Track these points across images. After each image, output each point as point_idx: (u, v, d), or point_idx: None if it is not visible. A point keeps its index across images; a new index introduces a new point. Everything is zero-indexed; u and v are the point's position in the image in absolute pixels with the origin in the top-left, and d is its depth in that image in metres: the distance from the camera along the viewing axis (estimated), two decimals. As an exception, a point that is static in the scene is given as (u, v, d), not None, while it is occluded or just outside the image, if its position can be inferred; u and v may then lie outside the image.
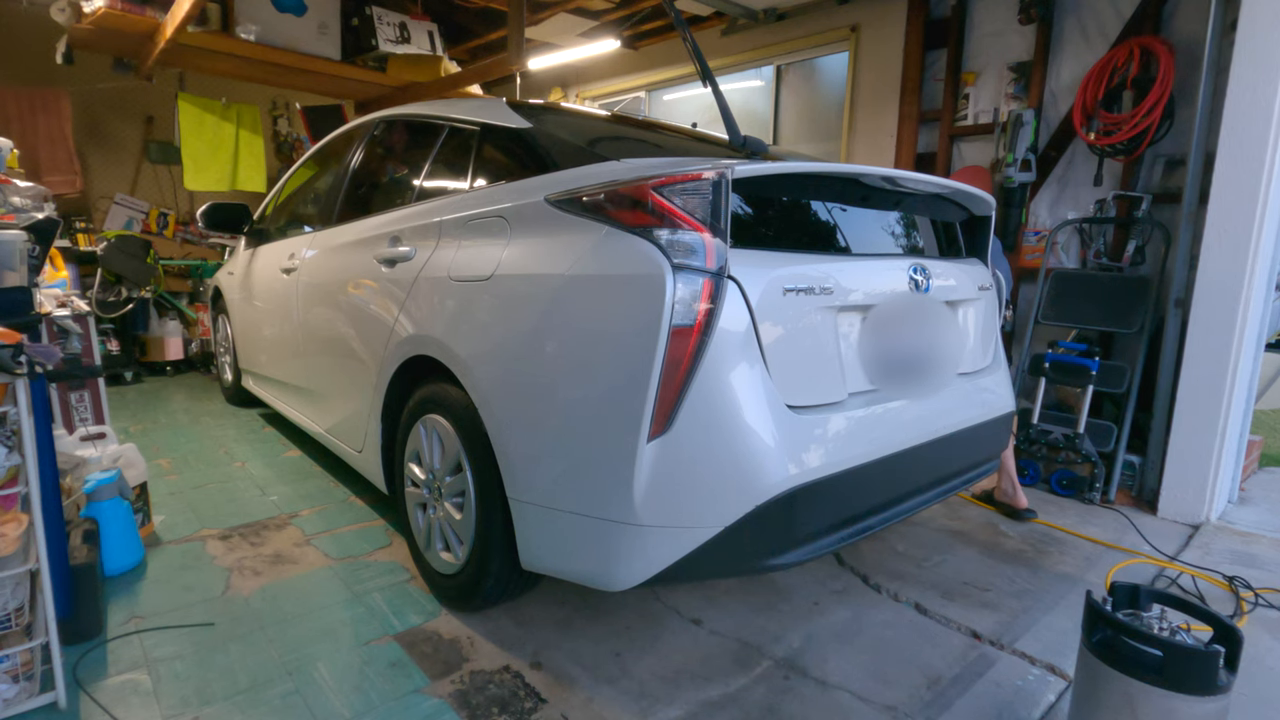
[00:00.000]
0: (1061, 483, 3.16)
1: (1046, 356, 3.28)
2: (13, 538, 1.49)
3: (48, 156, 4.99)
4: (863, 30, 4.31)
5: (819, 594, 2.18)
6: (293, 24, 4.38)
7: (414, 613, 2.00)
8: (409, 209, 2.24)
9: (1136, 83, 3.15)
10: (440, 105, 2.41)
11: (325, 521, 2.61)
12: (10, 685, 1.54)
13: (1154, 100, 3.07)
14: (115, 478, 2.19)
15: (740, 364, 1.49)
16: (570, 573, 1.65)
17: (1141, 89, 3.14)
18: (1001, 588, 2.26)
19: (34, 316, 1.90)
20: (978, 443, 2.10)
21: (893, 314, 1.82)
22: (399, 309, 2.08)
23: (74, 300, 3.15)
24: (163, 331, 5.17)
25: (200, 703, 1.61)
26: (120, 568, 2.16)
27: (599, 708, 1.63)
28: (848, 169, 1.80)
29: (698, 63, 1.75)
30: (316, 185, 3.25)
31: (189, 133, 5.03)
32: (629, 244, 1.51)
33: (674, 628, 1.97)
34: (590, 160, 1.74)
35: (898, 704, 1.68)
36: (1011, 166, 3.48)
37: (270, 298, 3.22)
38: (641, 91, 5.89)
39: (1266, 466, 3.78)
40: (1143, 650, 1.25)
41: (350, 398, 2.46)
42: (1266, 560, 2.54)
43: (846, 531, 1.71)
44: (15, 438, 1.50)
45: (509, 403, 1.70)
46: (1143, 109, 3.10)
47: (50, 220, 2.30)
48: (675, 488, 1.48)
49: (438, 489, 1.99)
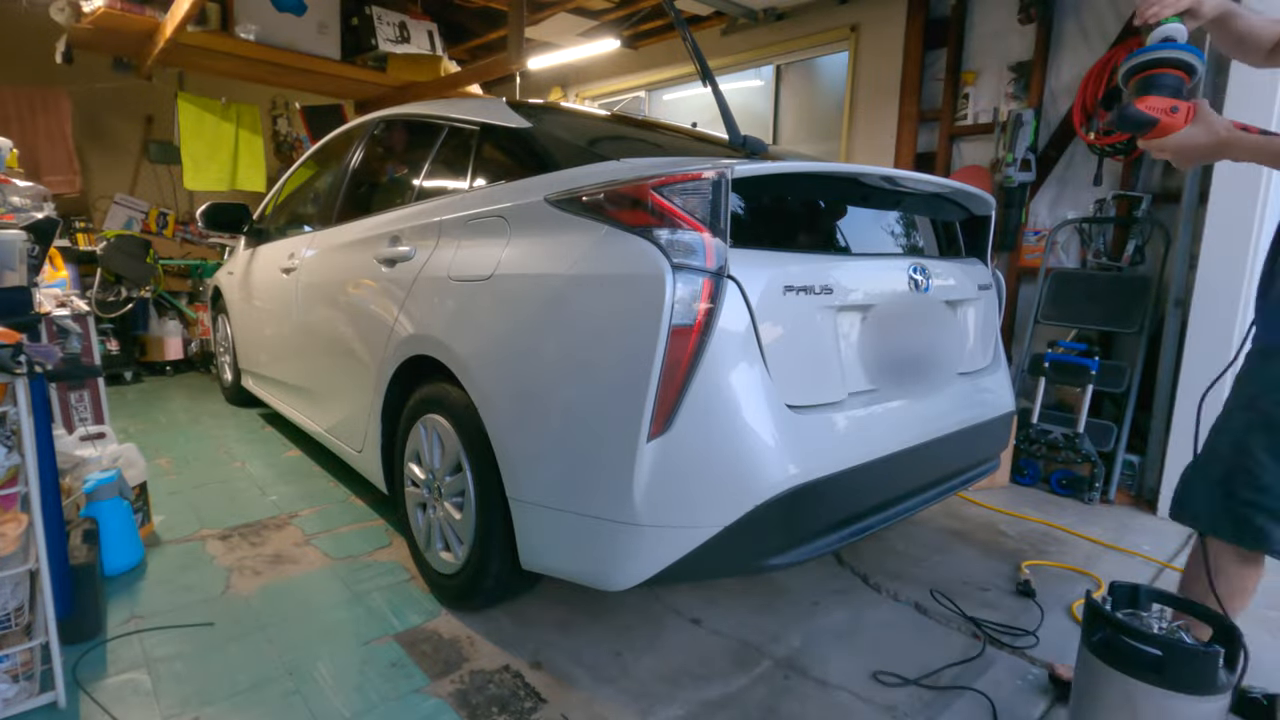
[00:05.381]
0: (1061, 483, 3.16)
1: (1046, 356, 3.28)
2: (12, 538, 1.49)
3: (47, 156, 4.99)
4: (863, 30, 4.31)
5: (819, 594, 2.18)
6: (292, 23, 4.38)
7: (414, 612, 2.00)
8: (409, 209, 2.24)
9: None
10: (440, 105, 2.41)
11: (325, 521, 2.61)
12: (10, 685, 1.54)
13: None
14: (115, 478, 2.19)
15: (740, 364, 1.49)
16: (570, 572, 1.65)
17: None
18: (1001, 587, 2.27)
19: (34, 316, 1.90)
20: (977, 442, 2.10)
21: (892, 314, 1.82)
22: (399, 309, 2.08)
23: (74, 300, 3.15)
24: (162, 331, 5.17)
25: (200, 703, 1.61)
26: (120, 567, 2.16)
27: (599, 707, 1.63)
28: (847, 169, 1.80)
29: (698, 62, 1.75)
30: (316, 185, 3.25)
31: (189, 132, 5.03)
32: (629, 244, 1.51)
33: (674, 627, 1.97)
34: (590, 160, 1.74)
35: (898, 704, 1.68)
36: (1011, 166, 3.47)
37: (270, 297, 3.22)
38: (641, 91, 5.89)
39: (1266, 466, 3.78)
40: (1142, 650, 1.25)
41: (350, 397, 2.46)
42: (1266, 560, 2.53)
43: (846, 531, 1.71)
44: (15, 437, 1.50)
45: (509, 402, 1.70)
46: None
47: (50, 220, 2.30)
48: (675, 487, 1.48)
49: (438, 489, 1.99)
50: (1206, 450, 1.50)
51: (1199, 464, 1.50)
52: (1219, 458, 1.45)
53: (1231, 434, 1.44)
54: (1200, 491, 1.48)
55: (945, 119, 3.92)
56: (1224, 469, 1.44)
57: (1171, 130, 1.29)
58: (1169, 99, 1.30)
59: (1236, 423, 1.43)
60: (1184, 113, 1.29)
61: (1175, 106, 1.29)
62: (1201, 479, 1.48)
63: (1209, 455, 1.48)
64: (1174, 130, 1.29)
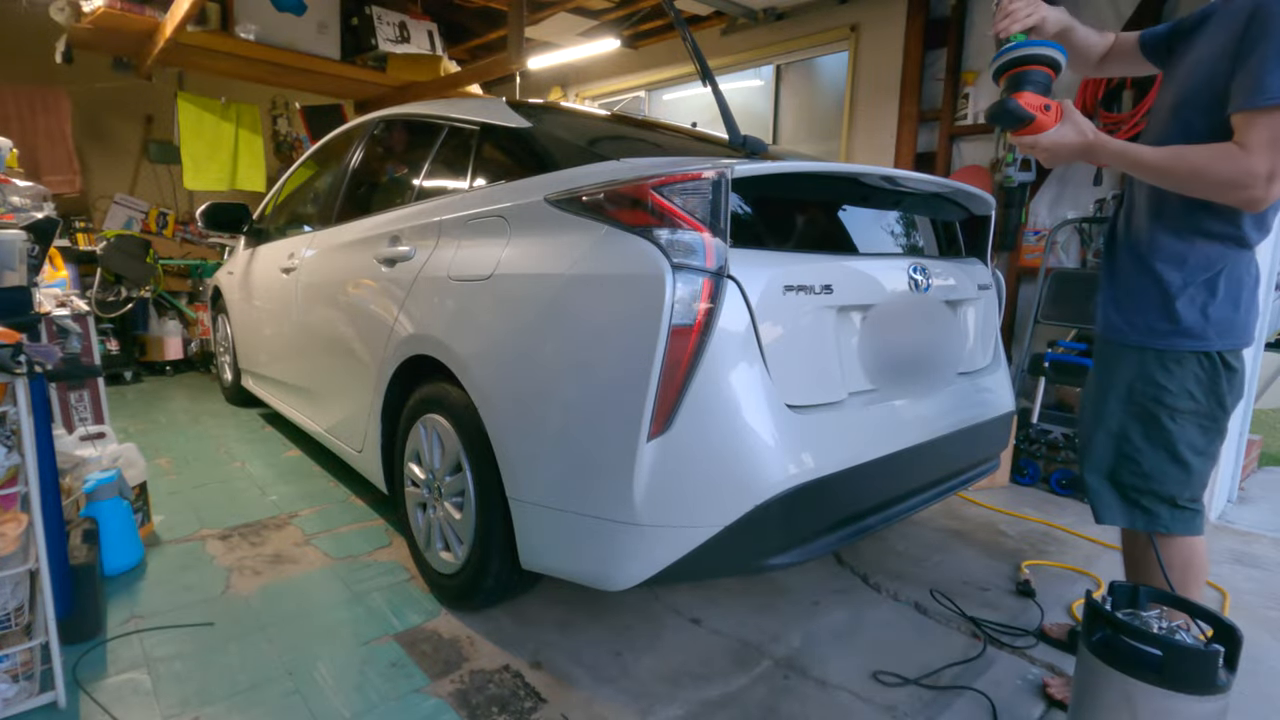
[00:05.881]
0: (1061, 483, 3.16)
1: (1046, 356, 3.28)
2: (12, 537, 1.49)
3: (47, 156, 4.99)
4: (863, 30, 4.31)
5: (819, 593, 2.18)
6: (292, 23, 4.38)
7: (414, 612, 2.00)
8: (409, 209, 2.24)
9: (1136, 82, 3.15)
10: (440, 105, 2.41)
11: (325, 521, 2.61)
12: (10, 685, 1.54)
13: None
14: (115, 477, 2.19)
15: (740, 363, 1.49)
16: (570, 572, 1.65)
17: (1141, 89, 3.14)
18: (1001, 587, 2.27)
19: (33, 316, 1.90)
20: (977, 442, 2.10)
21: (892, 313, 1.82)
22: (399, 309, 2.08)
23: (73, 300, 3.15)
24: (162, 331, 5.17)
25: (200, 702, 1.61)
26: (120, 567, 2.16)
27: (599, 707, 1.63)
28: (847, 168, 1.80)
29: (698, 62, 1.75)
30: (316, 185, 3.25)
31: (188, 132, 5.03)
32: (629, 244, 1.51)
33: (674, 627, 1.97)
34: (590, 160, 1.74)
35: (898, 704, 1.68)
36: (1011, 166, 3.47)
37: (270, 297, 3.22)
38: (641, 91, 5.89)
39: (1266, 466, 3.79)
40: (1142, 650, 1.25)
41: (350, 397, 2.46)
42: (1266, 560, 2.54)
43: (846, 531, 1.71)
44: (15, 437, 1.50)
45: (509, 402, 1.70)
46: (1142, 109, 3.10)
47: (50, 220, 2.30)
48: (675, 487, 1.48)
49: (437, 489, 1.99)
50: (1094, 448, 1.59)
51: (1093, 464, 1.60)
52: (1105, 452, 1.57)
53: (1110, 426, 1.55)
54: (1102, 489, 1.58)
55: (945, 119, 3.92)
56: (1110, 461, 1.56)
57: (1044, 128, 1.32)
58: (1042, 97, 1.33)
59: (1114, 414, 1.54)
60: (1055, 111, 1.32)
61: (1048, 105, 1.32)
62: (1095, 475, 1.59)
63: (1098, 452, 1.58)
64: (1046, 128, 1.33)
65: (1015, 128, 1.33)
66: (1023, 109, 1.30)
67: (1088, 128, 1.33)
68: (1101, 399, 1.57)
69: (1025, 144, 1.36)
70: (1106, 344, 1.58)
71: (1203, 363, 1.44)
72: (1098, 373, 1.61)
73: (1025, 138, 1.34)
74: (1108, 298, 1.57)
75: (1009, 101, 1.31)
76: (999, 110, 1.33)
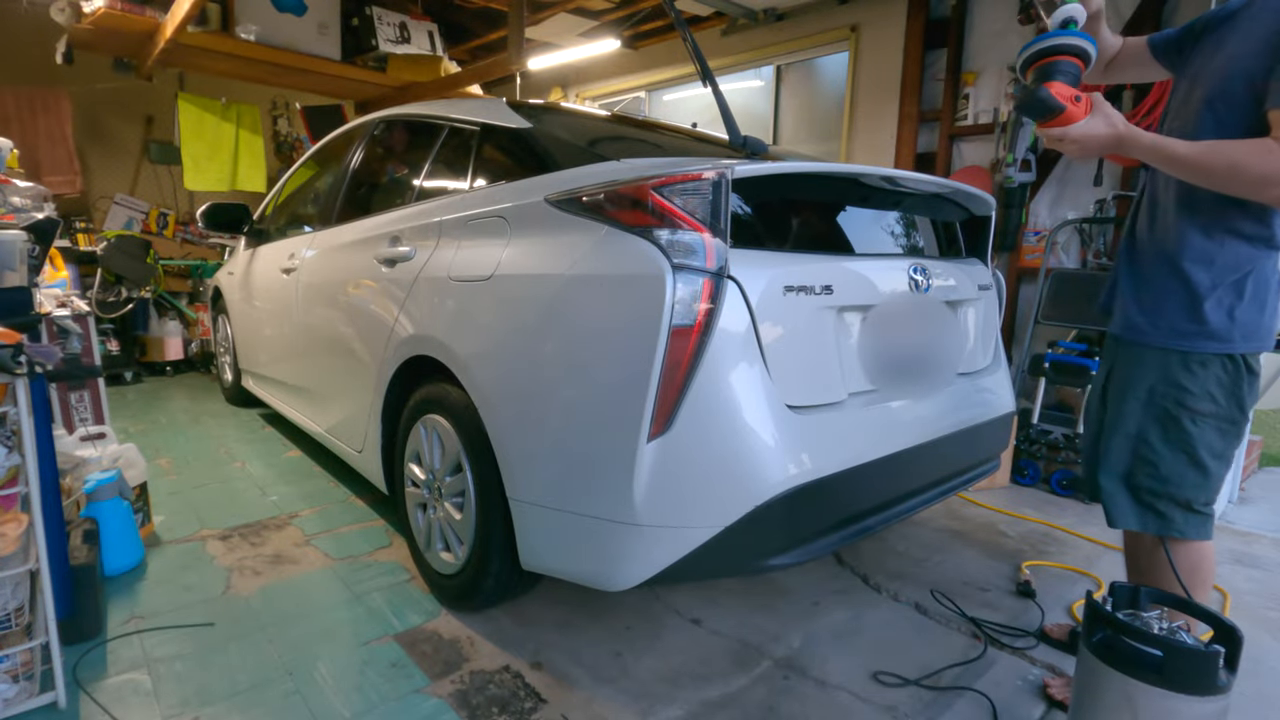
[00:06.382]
0: (1061, 483, 3.16)
1: (1046, 356, 3.28)
2: (13, 538, 1.49)
3: (48, 156, 4.99)
4: (863, 30, 4.31)
5: (819, 594, 2.18)
6: (293, 24, 4.38)
7: (414, 613, 2.00)
8: (409, 209, 2.24)
9: (1135, 84, 3.15)
10: (440, 105, 2.41)
11: (325, 521, 2.61)
12: (10, 685, 1.54)
13: (1154, 100, 3.08)
14: (115, 478, 2.19)
15: (740, 364, 1.49)
16: (570, 573, 1.65)
17: (1141, 89, 3.14)
18: (1001, 587, 2.26)
19: (34, 316, 1.90)
20: (978, 443, 2.10)
21: (893, 314, 1.82)
22: (399, 309, 2.08)
23: (74, 300, 3.15)
24: (162, 331, 5.17)
25: (200, 703, 1.61)
26: (120, 568, 2.16)
27: (599, 708, 1.63)
28: (847, 169, 1.80)
29: (698, 63, 1.75)
30: (316, 185, 3.25)
31: (189, 133, 5.03)
32: (629, 244, 1.51)
33: (674, 627, 1.97)
34: (590, 160, 1.74)
35: (898, 704, 1.68)
36: (1011, 166, 3.47)
37: (270, 298, 3.22)
38: (641, 91, 5.89)
39: (1266, 466, 3.79)
40: (1142, 650, 1.25)
41: (350, 398, 2.46)
42: (1266, 560, 2.54)
43: (846, 531, 1.71)
44: (15, 438, 1.50)
45: (509, 403, 1.70)
46: (1142, 109, 3.10)
47: (50, 220, 2.30)
48: (675, 488, 1.48)
49: (438, 489, 1.99)
50: (1110, 451, 1.56)
51: (1108, 467, 1.56)
52: (1121, 455, 1.53)
53: (1128, 428, 1.52)
54: (1116, 492, 1.55)
55: (945, 119, 3.92)
56: (1127, 464, 1.53)
57: (1074, 120, 1.28)
58: (1072, 88, 1.29)
59: (1133, 416, 1.51)
60: (1085, 103, 1.29)
61: (1078, 96, 1.29)
62: (1110, 478, 1.56)
63: (1115, 455, 1.55)
64: (1076, 120, 1.28)
65: (1045, 118, 1.29)
66: (1054, 99, 1.26)
67: (1118, 120, 1.29)
68: (1119, 401, 1.53)
69: (1054, 136, 1.31)
70: (1126, 345, 1.52)
71: (1226, 365, 1.41)
72: (1114, 374, 1.56)
73: (1054, 129, 1.30)
74: (1129, 298, 1.51)
75: (1040, 91, 1.27)
76: (1029, 100, 1.28)
